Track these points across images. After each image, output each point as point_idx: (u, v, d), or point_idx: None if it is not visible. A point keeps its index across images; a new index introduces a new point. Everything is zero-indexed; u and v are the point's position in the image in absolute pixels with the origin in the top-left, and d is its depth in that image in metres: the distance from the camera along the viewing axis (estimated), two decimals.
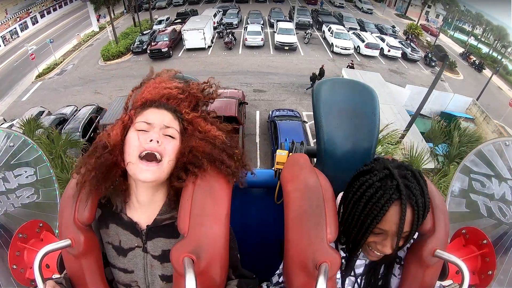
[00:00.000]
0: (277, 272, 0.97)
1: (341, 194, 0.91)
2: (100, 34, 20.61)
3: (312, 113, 1.11)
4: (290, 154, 1.12)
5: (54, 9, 22.41)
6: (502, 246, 1.16)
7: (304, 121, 10.09)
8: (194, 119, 0.86)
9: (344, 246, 0.88)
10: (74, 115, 10.34)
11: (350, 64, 14.64)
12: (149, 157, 0.76)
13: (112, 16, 18.86)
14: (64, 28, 21.38)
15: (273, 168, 1.16)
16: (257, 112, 11.90)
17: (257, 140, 10.46)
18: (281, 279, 0.95)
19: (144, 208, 0.84)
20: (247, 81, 14.10)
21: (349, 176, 0.84)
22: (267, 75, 14.85)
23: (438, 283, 0.87)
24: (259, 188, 1.35)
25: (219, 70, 15.11)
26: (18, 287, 1.13)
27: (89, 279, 0.81)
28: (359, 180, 0.78)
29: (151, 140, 0.76)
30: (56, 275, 0.96)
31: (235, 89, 11.71)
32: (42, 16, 21.55)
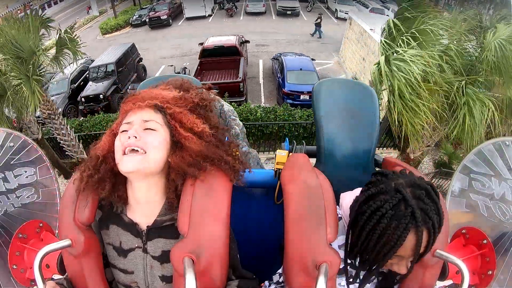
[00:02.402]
0: (279, 271, 0.97)
1: (342, 196, 0.91)
2: (100, 17, 20.27)
3: (321, 60, 1.08)
4: (290, 154, 1.12)
5: (55, 3, 22.25)
6: (502, 246, 1.16)
7: (313, 59, 10.04)
8: (176, 114, 0.84)
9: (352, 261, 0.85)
10: (65, 67, 10.65)
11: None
12: (131, 153, 0.77)
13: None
14: (65, 17, 21.13)
15: (273, 168, 1.16)
16: (260, 61, 12.00)
17: (261, 81, 10.73)
18: (281, 279, 0.95)
19: (142, 207, 0.84)
20: (249, 39, 13.62)
21: (349, 176, 0.84)
22: (270, 34, 14.61)
23: (438, 283, 0.87)
24: (259, 188, 1.35)
25: (220, 33, 14.70)
26: (18, 287, 1.13)
27: (89, 279, 0.81)
28: (369, 207, 0.73)
29: (129, 138, 0.76)
30: (56, 275, 0.96)
31: (236, 35, 11.18)
32: (43, 9, 21.41)
